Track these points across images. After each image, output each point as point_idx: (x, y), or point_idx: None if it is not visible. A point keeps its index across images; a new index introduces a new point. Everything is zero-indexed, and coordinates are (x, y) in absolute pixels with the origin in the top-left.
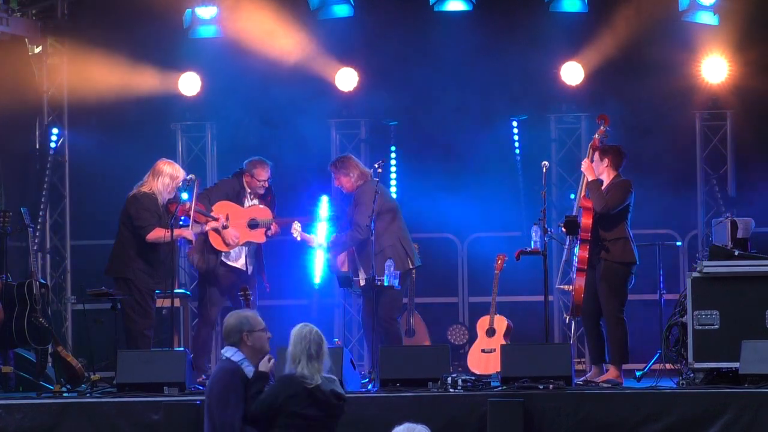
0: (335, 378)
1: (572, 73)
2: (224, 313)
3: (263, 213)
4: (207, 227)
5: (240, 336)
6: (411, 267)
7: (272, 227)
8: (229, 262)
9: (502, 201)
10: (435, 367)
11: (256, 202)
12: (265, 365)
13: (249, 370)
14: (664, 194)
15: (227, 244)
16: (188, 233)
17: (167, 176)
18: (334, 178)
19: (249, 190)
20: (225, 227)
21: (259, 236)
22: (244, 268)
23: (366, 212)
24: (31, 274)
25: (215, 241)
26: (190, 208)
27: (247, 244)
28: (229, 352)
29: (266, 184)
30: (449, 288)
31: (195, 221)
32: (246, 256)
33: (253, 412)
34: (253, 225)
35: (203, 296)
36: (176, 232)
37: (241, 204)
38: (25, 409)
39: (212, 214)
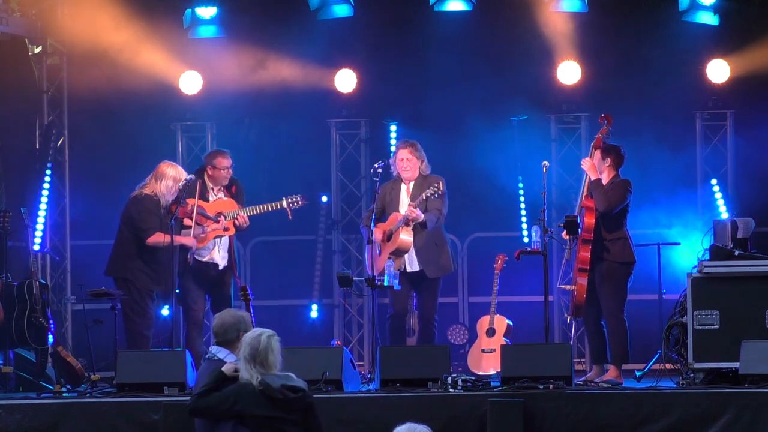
0: (291, 374)
1: (571, 72)
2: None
3: (229, 205)
4: (209, 229)
5: (237, 334)
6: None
7: (239, 218)
8: (199, 258)
9: (502, 201)
10: (435, 367)
11: (221, 195)
12: (228, 369)
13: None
14: (664, 194)
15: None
16: (189, 240)
17: (170, 179)
18: (406, 157)
19: (212, 185)
20: (227, 229)
21: (227, 229)
22: (216, 262)
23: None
24: (31, 274)
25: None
26: (192, 210)
27: (218, 237)
28: (222, 353)
29: (230, 172)
30: (449, 288)
31: (197, 223)
32: (218, 250)
33: (192, 408)
34: (219, 218)
35: (184, 298)
36: (176, 239)
37: (206, 200)
38: (25, 409)
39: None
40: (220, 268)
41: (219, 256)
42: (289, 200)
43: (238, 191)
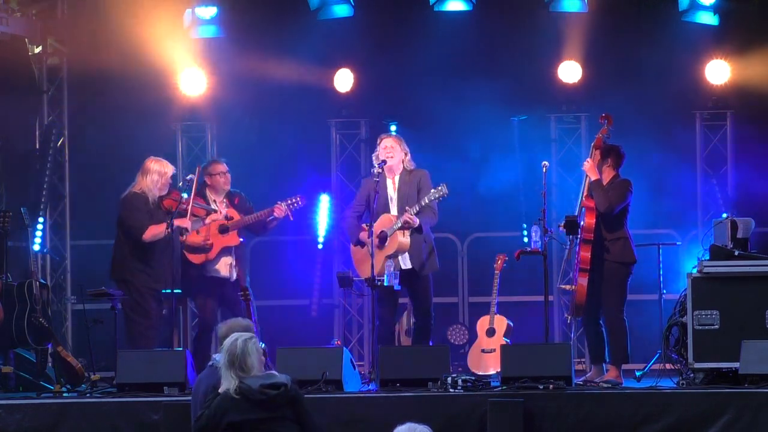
0: (273, 372)
1: (571, 72)
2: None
3: (231, 215)
4: (208, 220)
5: None
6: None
7: (269, 213)
8: (208, 274)
9: (502, 201)
10: (435, 367)
11: (223, 207)
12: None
13: None
14: (664, 194)
15: (202, 254)
16: (185, 222)
17: (155, 173)
18: (390, 144)
19: (214, 197)
20: (228, 218)
21: (232, 239)
22: (227, 275)
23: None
24: (31, 274)
25: (192, 256)
26: (186, 203)
27: (225, 250)
28: None
29: (227, 177)
30: (449, 288)
31: (194, 215)
32: (228, 265)
33: (196, 427)
34: (223, 230)
35: (199, 306)
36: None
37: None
38: (25, 409)
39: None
40: (232, 281)
41: (228, 269)
42: (289, 202)
43: (241, 202)
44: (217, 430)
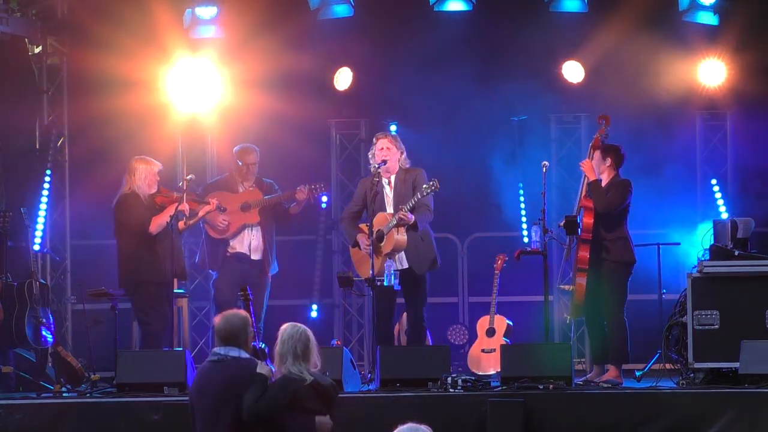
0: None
1: (572, 72)
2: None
3: (254, 195)
4: (201, 213)
5: (246, 336)
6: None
7: (283, 198)
8: (231, 251)
9: (502, 201)
10: (435, 367)
11: (250, 189)
12: (263, 368)
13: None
14: (664, 194)
15: (219, 230)
16: (183, 206)
17: (142, 171)
18: (386, 146)
19: (240, 178)
20: (222, 209)
21: (252, 217)
22: (248, 252)
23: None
24: (31, 274)
25: (212, 230)
26: (177, 199)
27: (244, 227)
28: (235, 352)
29: (250, 169)
30: (449, 288)
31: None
32: (249, 243)
33: (254, 414)
34: (245, 207)
35: (216, 296)
36: (169, 210)
37: (236, 192)
38: (25, 409)
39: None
40: (253, 258)
41: (249, 246)
42: (313, 186)
43: (268, 188)
44: (278, 410)
